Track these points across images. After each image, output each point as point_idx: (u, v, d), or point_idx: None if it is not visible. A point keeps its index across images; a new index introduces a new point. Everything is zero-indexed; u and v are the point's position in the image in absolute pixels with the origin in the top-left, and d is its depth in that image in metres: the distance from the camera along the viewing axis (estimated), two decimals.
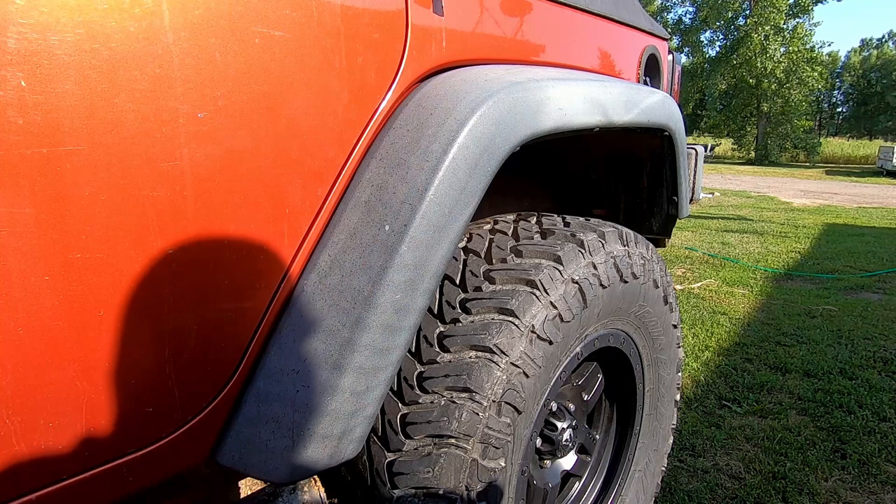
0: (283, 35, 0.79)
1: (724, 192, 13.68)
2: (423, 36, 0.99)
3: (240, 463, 0.84)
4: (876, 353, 3.47)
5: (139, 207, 0.69)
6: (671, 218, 1.77)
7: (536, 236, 1.21)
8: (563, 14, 1.40)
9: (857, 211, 10.86)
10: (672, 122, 1.57)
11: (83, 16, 0.62)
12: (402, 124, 0.95)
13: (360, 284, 0.85)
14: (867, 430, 2.58)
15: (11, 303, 0.62)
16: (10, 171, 0.59)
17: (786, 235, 7.78)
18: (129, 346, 0.72)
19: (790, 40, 29.82)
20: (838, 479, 2.24)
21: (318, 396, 0.83)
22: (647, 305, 1.42)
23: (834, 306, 4.45)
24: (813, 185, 17.24)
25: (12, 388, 0.64)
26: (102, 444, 0.72)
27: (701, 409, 2.77)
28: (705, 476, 2.24)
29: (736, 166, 25.72)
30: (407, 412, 0.99)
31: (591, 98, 1.24)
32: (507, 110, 1.00)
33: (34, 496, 0.68)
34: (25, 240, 0.61)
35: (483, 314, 1.03)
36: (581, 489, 1.53)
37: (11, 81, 0.58)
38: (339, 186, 0.91)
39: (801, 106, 30.84)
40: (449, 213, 0.91)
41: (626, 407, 1.57)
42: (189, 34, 0.70)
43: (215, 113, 0.73)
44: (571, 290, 1.12)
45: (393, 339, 0.88)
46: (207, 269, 0.77)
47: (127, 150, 0.67)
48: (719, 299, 4.61)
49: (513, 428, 1.03)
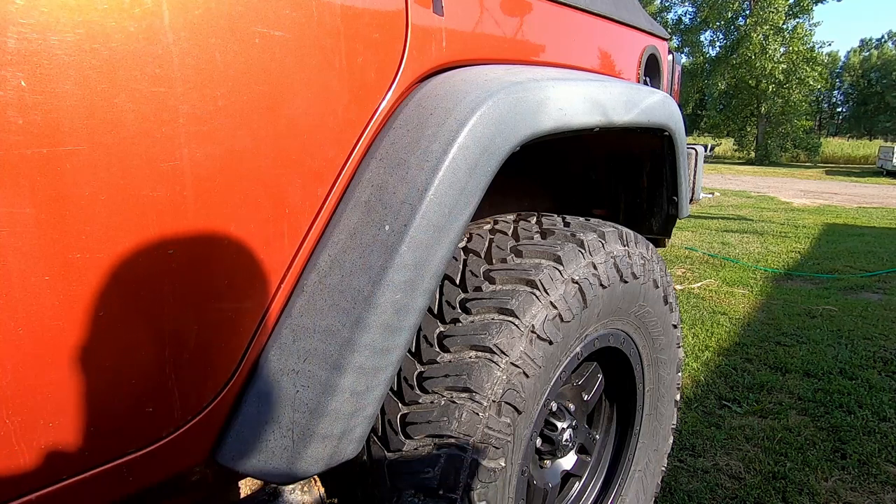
0: (283, 35, 0.79)
1: (724, 192, 13.68)
2: (423, 36, 0.99)
3: (240, 463, 0.84)
4: (876, 353, 3.47)
5: (139, 207, 0.69)
6: (671, 218, 1.77)
7: (536, 236, 1.21)
8: (563, 14, 1.40)
9: (857, 211, 10.87)
10: (672, 122, 1.57)
11: (83, 16, 0.62)
12: (402, 124, 0.95)
13: (360, 284, 0.85)
14: (867, 430, 2.58)
15: (11, 303, 0.62)
16: (10, 171, 0.59)
17: (786, 235, 7.78)
18: (129, 346, 0.72)
19: (790, 40, 29.83)
20: (838, 479, 2.24)
21: (318, 396, 0.83)
22: (647, 305, 1.42)
23: (834, 306, 4.45)
24: (813, 185, 17.24)
25: (12, 388, 0.64)
26: (102, 445, 0.72)
27: (701, 409, 2.77)
28: (705, 476, 2.24)
29: (736, 166, 25.72)
30: (407, 412, 0.99)
31: (591, 98, 1.24)
32: (507, 110, 1.00)
33: (34, 496, 0.68)
34: (25, 240, 0.61)
35: (483, 314, 1.03)
36: (581, 489, 1.53)
37: (11, 81, 0.58)
38: (339, 186, 0.91)
39: (801, 106, 30.84)
40: (449, 213, 0.91)
41: (626, 407, 1.57)
42: (189, 34, 0.70)
43: (215, 113, 0.73)
44: (571, 290, 1.12)
45: (393, 339, 0.88)
46: (207, 269, 0.77)
47: (127, 150, 0.67)
48: (719, 299, 4.61)
49: (513, 428, 1.03)
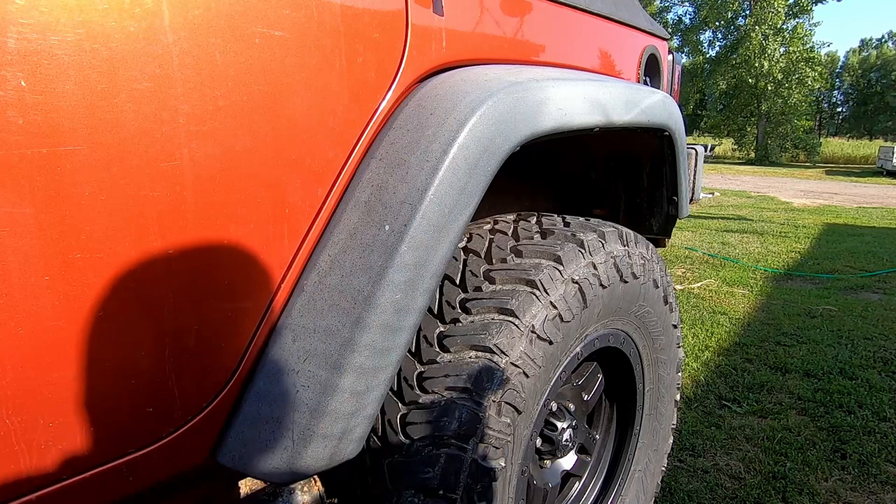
0: (283, 35, 0.79)
1: (724, 192, 13.67)
2: (423, 36, 0.99)
3: (240, 463, 0.84)
4: (876, 353, 3.47)
5: (139, 207, 0.69)
6: (671, 218, 1.77)
7: (536, 236, 1.21)
8: (563, 14, 1.40)
9: (857, 211, 10.86)
10: (672, 122, 1.57)
11: (83, 16, 0.62)
12: (402, 124, 0.95)
13: (360, 284, 0.85)
14: (867, 430, 2.58)
15: (11, 303, 0.62)
16: (10, 171, 0.59)
17: (786, 235, 7.78)
18: (129, 346, 0.72)
19: (790, 40, 29.83)
20: (838, 479, 2.24)
21: (318, 396, 0.83)
22: (647, 305, 1.42)
23: (834, 306, 4.45)
24: (813, 185, 17.24)
25: (12, 388, 0.64)
26: (102, 444, 0.72)
27: (701, 409, 2.77)
28: (705, 476, 2.24)
29: (736, 166, 25.71)
30: (407, 412, 0.99)
31: (591, 98, 1.24)
32: (507, 110, 1.00)
33: (34, 496, 0.68)
34: (25, 240, 0.61)
35: (483, 314, 1.03)
36: (581, 489, 1.53)
37: (11, 81, 0.58)
38: (339, 186, 0.91)
39: (801, 106, 30.84)
40: (449, 213, 0.91)
41: (626, 407, 1.57)
42: (189, 34, 0.70)
43: (215, 113, 0.73)
44: (571, 290, 1.12)
45: (393, 339, 0.88)
46: (207, 269, 0.77)
47: (127, 150, 0.67)
48: (719, 299, 4.61)
49: (513, 428, 1.03)
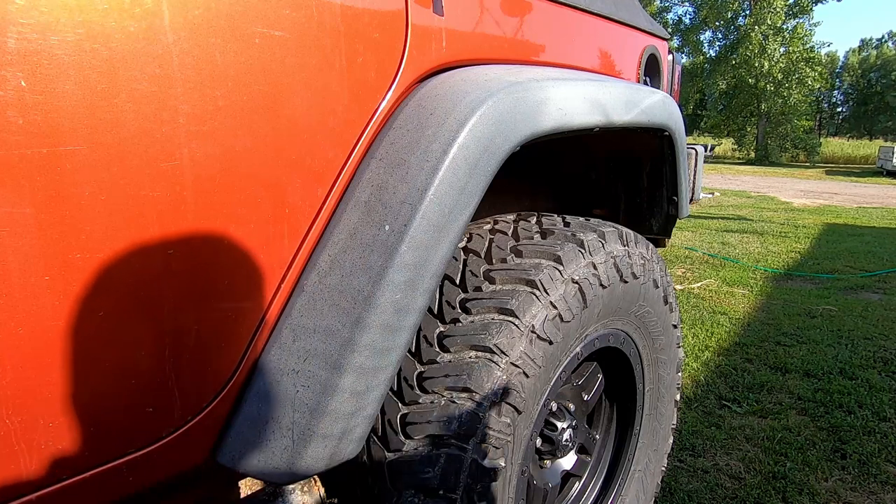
0: (283, 35, 0.79)
1: (724, 192, 13.67)
2: (423, 36, 0.99)
3: (240, 463, 0.84)
4: (876, 353, 3.47)
5: (139, 207, 0.69)
6: (671, 218, 1.77)
7: (536, 236, 1.21)
8: (563, 14, 1.40)
9: (857, 211, 10.86)
10: (672, 122, 1.57)
11: (83, 16, 0.62)
12: (402, 124, 0.95)
13: (360, 284, 0.85)
14: (867, 430, 2.58)
15: (11, 303, 0.62)
16: (10, 171, 0.59)
17: (786, 235, 7.78)
18: (129, 346, 0.72)
19: (790, 40, 29.83)
20: (838, 479, 2.24)
21: (318, 396, 0.83)
22: (647, 305, 1.42)
23: (834, 306, 4.45)
24: (813, 185, 17.24)
25: (12, 388, 0.64)
26: (102, 444, 0.72)
27: (701, 409, 2.77)
28: (705, 476, 2.24)
29: (736, 166, 25.71)
30: (407, 412, 0.99)
31: (591, 98, 1.24)
32: (507, 110, 1.00)
33: (34, 496, 0.68)
34: (25, 240, 0.61)
35: (483, 314, 1.03)
36: (581, 489, 1.53)
37: (11, 81, 0.58)
38: (339, 186, 0.91)
39: (801, 106, 30.84)
40: (449, 213, 0.91)
41: (626, 407, 1.57)
42: (189, 34, 0.70)
43: (215, 113, 0.73)
44: (571, 290, 1.12)
45: (393, 339, 0.88)
46: (207, 269, 0.77)
47: (127, 150, 0.67)
48: (719, 299, 4.61)
49: (513, 428, 1.03)
